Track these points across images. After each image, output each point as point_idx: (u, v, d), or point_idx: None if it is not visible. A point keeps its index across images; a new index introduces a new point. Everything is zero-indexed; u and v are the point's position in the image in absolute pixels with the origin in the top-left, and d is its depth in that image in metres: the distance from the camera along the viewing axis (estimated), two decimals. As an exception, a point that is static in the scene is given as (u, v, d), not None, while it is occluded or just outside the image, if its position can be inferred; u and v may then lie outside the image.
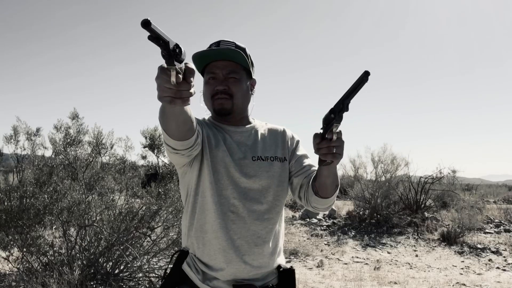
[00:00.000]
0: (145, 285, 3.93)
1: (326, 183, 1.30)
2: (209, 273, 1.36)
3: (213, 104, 1.42)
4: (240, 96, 1.42)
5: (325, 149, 1.13)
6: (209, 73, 1.42)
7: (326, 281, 5.11)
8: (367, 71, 1.00)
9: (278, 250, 1.45)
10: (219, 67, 1.40)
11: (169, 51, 0.84)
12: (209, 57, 1.41)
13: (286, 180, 1.47)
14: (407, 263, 6.24)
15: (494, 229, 8.95)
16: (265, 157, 1.43)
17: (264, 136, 1.50)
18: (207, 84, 1.43)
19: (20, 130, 5.60)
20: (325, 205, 1.38)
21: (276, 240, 1.43)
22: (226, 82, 1.40)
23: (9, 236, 3.84)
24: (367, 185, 9.74)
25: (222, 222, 1.34)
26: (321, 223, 9.20)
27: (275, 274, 1.43)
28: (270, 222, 1.40)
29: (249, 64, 1.45)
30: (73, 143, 4.82)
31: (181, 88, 0.90)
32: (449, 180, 13.28)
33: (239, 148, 1.43)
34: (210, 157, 1.38)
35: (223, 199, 1.36)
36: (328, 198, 1.34)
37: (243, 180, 1.39)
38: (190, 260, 1.40)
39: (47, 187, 4.02)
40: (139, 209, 3.92)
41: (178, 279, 1.40)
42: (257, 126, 1.53)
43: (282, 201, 1.45)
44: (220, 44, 1.43)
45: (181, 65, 0.88)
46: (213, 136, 1.42)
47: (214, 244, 1.35)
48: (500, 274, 5.76)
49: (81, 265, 3.66)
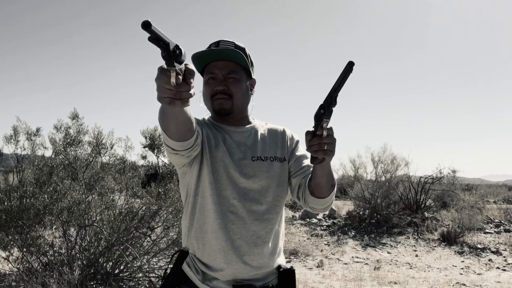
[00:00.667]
0: (145, 285, 3.93)
1: (321, 183, 1.30)
2: (209, 273, 1.36)
3: (212, 104, 1.42)
4: (239, 96, 1.42)
5: (316, 146, 1.12)
6: (208, 73, 1.42)
7: (326, 281, 5.11)
8: (351, 61, 1.00)
9: (278, 251, 1.45)
10: (218, 67, 1.40)
11: (169, 52, 0.83)
12: (209, 57, 1.40)
13: (286, 180, 1.47)
14: (407, 263, 6.24)
15: (494, 229, 8.95)
16: (265, 157, 1.43)
17: (264, 136, 1.50)
18: (207, 84, 1.43)
19: (20, 130, 5.60)
20: (322, 205, 1.37)
21: (276, 240, 1.43)
22: (226, 82, 1.40)
23: (9, 236, 3.84)
24: (367, 185, 9.74)
25: (221, 222, 1.35)
26: (321, 223, 9.20)
27: (275, 274, 1.43)
28: (270, 222, 1.40)
29: (249, 64, 1.45)
30: (73, 143, 4.82)
31: (180, 89, 0.90)
32: (449, 180, 13.28)
33: (238, 148, 1.43)
34: (209, 157, 1.38)
35: (222, 199, 1.36)
36: (325, 198, 1.34)
37: (243, 180, 1.39)
38: (190, 260, 1.40)
39: (47, 187, 4.01)
40: (139, 209, 3.92)
41: (178, 279, 1.39)
42: (257, 126, 1.53)
43: (281, 201, 1.45)
44: (219, 44, 1.42)
45: (181, 66, 0.88)
46: (213, 137, 1.42)
47: (214, 244, 1.35)
48: (500, 274, 5.77)
49: (81, 265, 3.66)
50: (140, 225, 3.86)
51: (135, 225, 3.85)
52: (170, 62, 0.85)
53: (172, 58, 0.85)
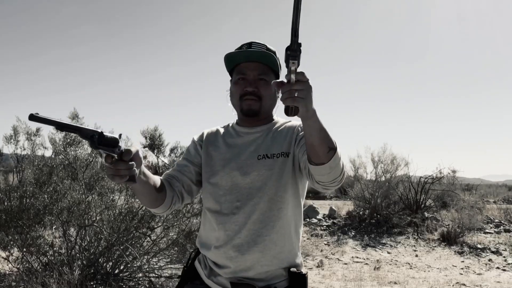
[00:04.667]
0: (145, 285, 3.93)
1: (313, 144, 1.14)
2: (215, 269, 1.41)
3: (241, 104, 1.45)
4: (268, 99, 1.46)
5: (287, 93, 0.98)
6: (239, 74, 1.45)
7: (326, 281, 5.11)
8: None
9: (286, 251, 1.40)
10: (249, 69, 1.43)
11: (84, 138, 1.05)
12: (240, 58, 1.44)
13: (289, 175, 1.40)
14: (407, 263, 6.24)
15: (494, 229, 8.95)
16: (271, 155, 1.41)
17: (275, 134, 1.47)
18: (236, 84, 1.45)
19: (20, 130, 5.59)
20: (324, 174, 1.20)
21: (283, 239, 1.38)
22: (256, 84, 1.42)
23: (9, 236, 3.84)
24: (367, 185, 9.73)
25: (223, 221, 1.39)
26: (321, 223, 9.20)
27: (283, 277, 1.39)
28: (271, 219, 1.37)
29: (279, 67, 1.47)
30: (73, 143, 4.81)
31: (117, 167, 1.08)
32: (449, 180, 13.28)
33: (242, 149, 1.45)
34: (206, 170, 1.49)
35: (223, 198, 1.41)
36: (324, 165, 1.16)
37: (243, 180, 1.40)
38: (201, 256, 1.48)
39: (47, 187, 4.01)
40: (139, 209, 3.92)
41: (191, 276, 1.48)
42: (272, 125, 1.51)
43: (285, 198, 1.39)
44: (252, 45, 1.45)
45: (110, 150, 1.07)
46: (208, 158, 1.50)
47: (217, 242, 1.40)
48: (500, 274, 5.76)
49: (81, 265, 3.66)
50: (140, 225, 3.86)
51: (135, 225, 3.85)
52: (91, 145, 1.06)
53: (92, 143, 1.05)
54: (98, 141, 1.05)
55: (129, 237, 3.84)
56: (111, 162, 1.09)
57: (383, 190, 9.33)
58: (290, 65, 0.95)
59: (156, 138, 8.64)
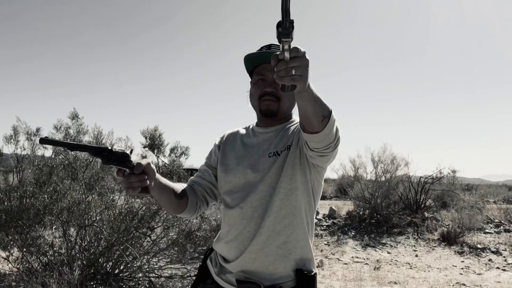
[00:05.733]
0: (145, 285, 3.93)
1: (306, 114, 1.13)
2: (224, 265, 1.43)
3: (260, 104, 1.47)
4: (286, 100, 1.48)
5: (283, 71, 0.94)
6: (258, 75, 1.47)
7: (326, 281, 5.11)
8: None
9: (293, 241, 1.38)
10: (269, 70, 1.44)
11: (95, 155, 1.15)
12: (260, 59, 1.47)
13: (297, 168, 1.38)
14: (407, 263, 6.24)
15: (494, 229, 8.96)
16: (280, 152, 1.42)
17: (285, 132, 1.48)
18: (256, 85, 1.48)
19: (20, 130, 5.59)
20: (319, 142, 1.20)
21: (287, 230, 1.37)
22: (275, 85, 1.43)
23: (9, 236, 3.84)
24: (367, 185, 9.73)
25: (233, 216, 1.42)
26: (321, 223, 9.20)
27: (291, 277, 1.37)
28: (278, 216, 1.37)
29: None
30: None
31: (129, 180, 1.17)
32: (449, 180, 13.27)
33: (256, 148, 1.48)
34: (222, 170, 1.53)
35: (235, 194, 1.45)
36: (319, 133, 1.16)
37: (255, 177, 1.42)
38: (213, 254, 1.53)
39: (47, 187, 4.01)
40: (139, 209, 3.92)
41: (204, 275, 1.51)
42: (287, 124, 1.51)
43: (291, 190, 1.38)
44: (271, 47, 1.48)
45: (124, 165, 1.16)
46: (223, 157, 1.54)
47: (227, 236, 1.44)
48: (500, 274, 5.77)
49: (81, 265, 3.66)
50: (140, 225, 3.86)
51: (135, 225, 3.85)
52: (103, 162, 1.15)
53: (103, 160, 1.14)
54: (108, 157, 1.14)
55: (129, 237, 3.84)
56: (123, 175, 1.17)
57: (383, 190, 9.33)
58: (283, 44, 0.89)
59: (156, 138, 8.65)
